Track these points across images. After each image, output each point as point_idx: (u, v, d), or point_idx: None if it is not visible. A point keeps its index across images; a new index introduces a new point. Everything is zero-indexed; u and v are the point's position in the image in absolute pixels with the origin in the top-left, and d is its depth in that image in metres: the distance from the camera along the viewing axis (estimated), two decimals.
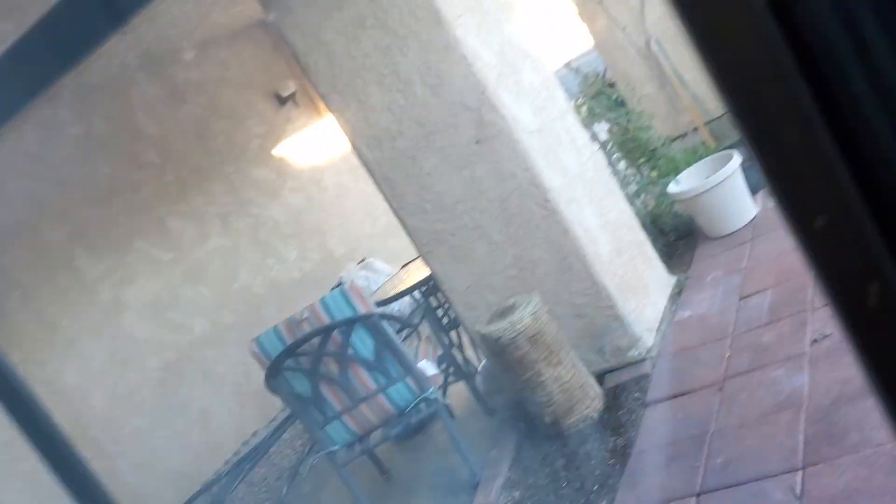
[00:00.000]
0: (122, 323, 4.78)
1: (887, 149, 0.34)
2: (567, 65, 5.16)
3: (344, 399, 3.02)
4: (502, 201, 3.13)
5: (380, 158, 3.23)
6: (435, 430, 3.71)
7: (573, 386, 2.95)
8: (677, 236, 4.22)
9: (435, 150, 3.13)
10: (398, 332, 3.48)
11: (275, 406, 5.03)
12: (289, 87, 6.02)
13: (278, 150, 5.96)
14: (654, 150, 4.37)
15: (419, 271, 3.71)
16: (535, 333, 2.87)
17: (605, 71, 5.18)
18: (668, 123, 5.03)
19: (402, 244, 3.77)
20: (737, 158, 3.95)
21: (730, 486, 2.19)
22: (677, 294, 3.60)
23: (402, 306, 4.51)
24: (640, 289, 3.36)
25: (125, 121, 5.06)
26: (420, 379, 3.01)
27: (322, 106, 5.45)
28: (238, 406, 5.08)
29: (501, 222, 3.17)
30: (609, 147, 4.46)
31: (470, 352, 3.88)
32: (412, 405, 3.02)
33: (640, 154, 4.38)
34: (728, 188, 3.88)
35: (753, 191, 4.05)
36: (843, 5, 0.32)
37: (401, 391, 3.01)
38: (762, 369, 2.64)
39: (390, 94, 3.10)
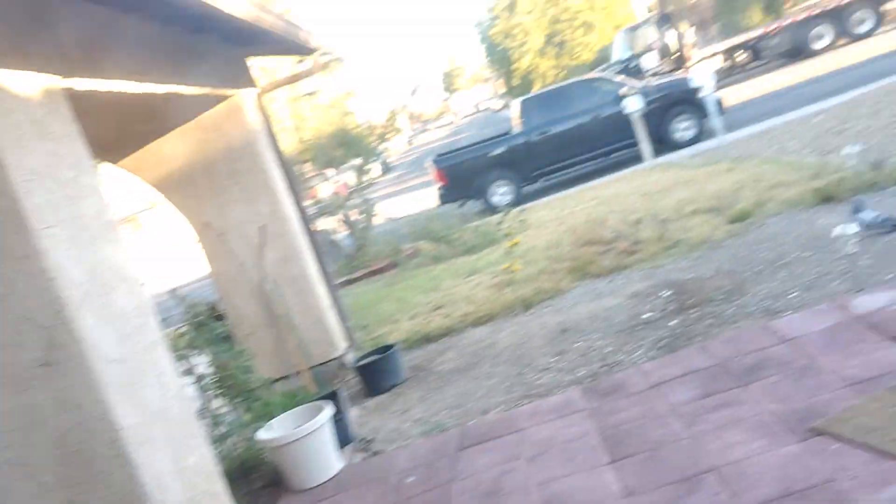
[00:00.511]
0: None
1: None
2: (173, 291, 4.96)
3: None
4: (61, 436, 2.79)
5: None
6: None
7: None
8: (263, 484, 4.09)
9: None
10: None
11: None
12: None
13: None
14: (251, 391, 4.35)
15: None
16: None
17: (216, 302, 5.17)
18: (272, 364, 5.13)
19: None
20: (328, 410, 4.03)
21: None
22: None
23: None
24: None
25: None
26: None
27: None
28: None
29: (56, 461, 2.80)
30: (206, 382, 4.31)
31: None
32: None
33: (237, 393, 4.32)
34: (315, 440, 3.94)
35: (342, 444, 4.15)
36: None
37: None
38: None
39: None
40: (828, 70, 18.58)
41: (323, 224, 11.90)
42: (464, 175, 14.64)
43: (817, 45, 22.83)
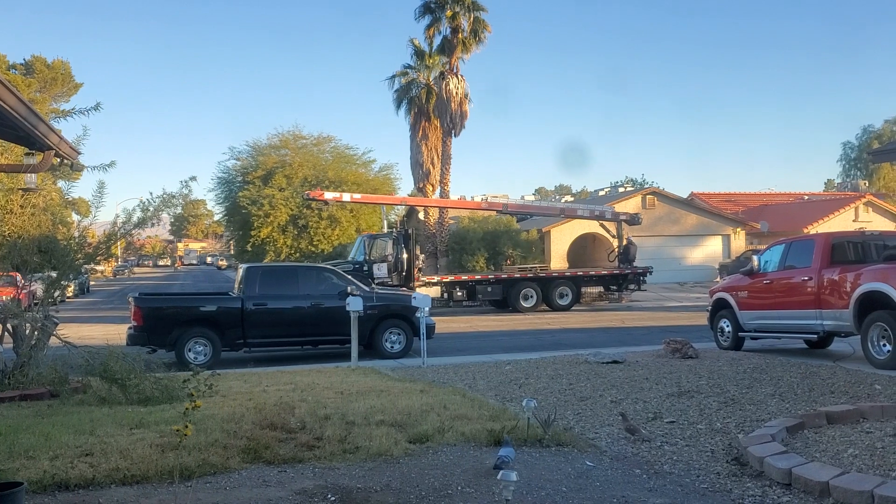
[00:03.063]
0: None
1: None
2: None
3: None
4: None
5: None
6: None
7: None
8: None
9: None
10: None
11: None
12: None
13: None
14: None
15: None
16: None
17: None
18: None
19: None
20: None
21: None
22: None
23: None
24: None
25: None
26: None
27: None
28: None
29: None
30: None
31: None
32: None
33: None
34: None
35: None
36: None
37: None
38: None
39: None
40: (527, 327, 20.66)
41: None
42: (164, 322, 13.87)
43: (524, 304, 25.59)
